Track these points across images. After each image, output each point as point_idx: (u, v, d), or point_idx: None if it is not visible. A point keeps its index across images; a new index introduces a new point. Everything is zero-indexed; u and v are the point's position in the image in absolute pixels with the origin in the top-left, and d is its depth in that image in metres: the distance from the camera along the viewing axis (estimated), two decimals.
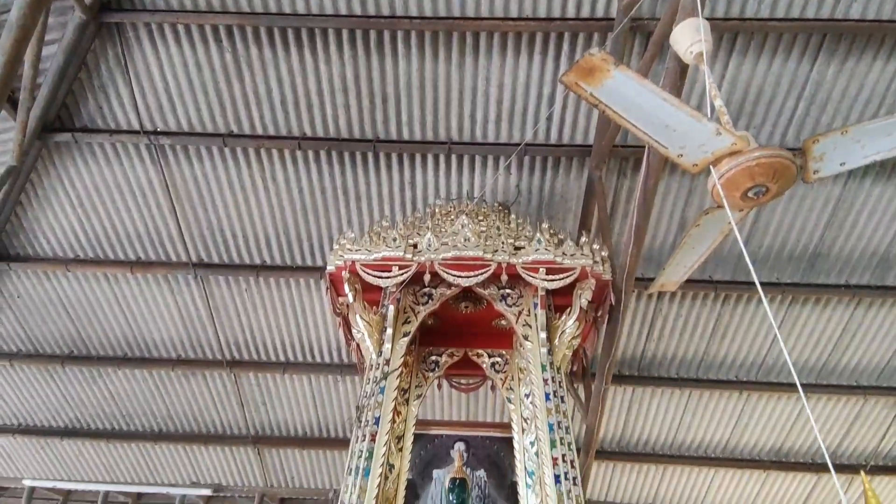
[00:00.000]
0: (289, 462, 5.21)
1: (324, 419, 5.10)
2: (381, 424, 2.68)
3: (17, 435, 4.94)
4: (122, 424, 5.04)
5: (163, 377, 4.78)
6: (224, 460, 5.16)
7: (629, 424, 4.86)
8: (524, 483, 3.07)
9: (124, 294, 4.34)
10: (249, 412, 5.03)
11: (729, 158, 1.41)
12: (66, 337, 4.60)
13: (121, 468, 5.13)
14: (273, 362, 4.75)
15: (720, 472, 4.86)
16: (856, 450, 4.62)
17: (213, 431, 5.12)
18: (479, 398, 4.77)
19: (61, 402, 4.90)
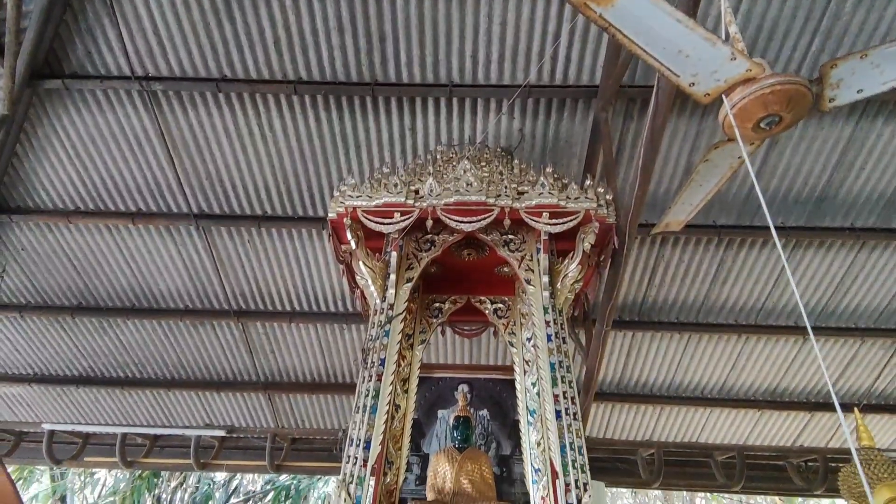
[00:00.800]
0: (298, 406, 5.40)
1: (331, 366, 5.23)
2: (386, 366, 2.74)
3: (33, 384, 5.10)
4: (136, 372, 5.19)
5: (172, 327, 4.88)
6: (236, 405, 5.34)
7: (628, 367, 4.98)
8: (525, 421, 3.18)
9: (128, 246, 4.36)
10: (259, 360, 5.16)
11: (742, 86, 1.35)
12: (73, 289, 4.65)
13: (137, 413, 5.33)
14: (279, 312, 4.83)
15: (716, 412, 5.02)
16: (850, 389, 4.75)
17: (224, 378, 5.27)
18: (482, 343, 4.87)
19: (74, 352, 5.03)
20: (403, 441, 3.20)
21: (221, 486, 7.08)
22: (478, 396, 3.82)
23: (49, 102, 3.64)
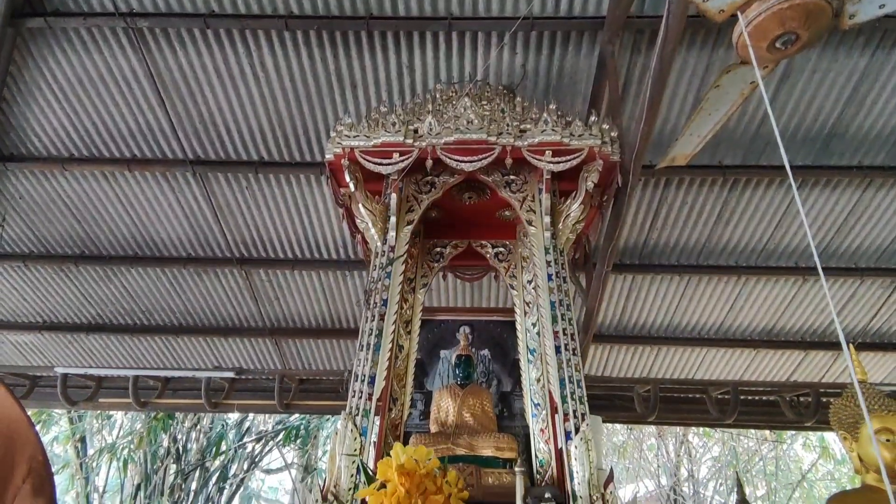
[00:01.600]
0: (304, 350, 5.54)
1: (335, 312, 5.32)
2: (388, 306, 2.77)
3: (43, 331, 5.22)
4: (143, 320, 5.29)
5: (176, 275, 4.92)
6: (244, 350, 5.48)
7: (627, 310, 5.05)
8: (526, 359, 3.26)
9: (125, 193, 4.32)
10: (264, 306, 5.23)
11: (759, 1, 1.27)
12: (75, 238, 4.66)
13: (148, 358, 5.48)
14: (281, 259, 4.85)
15: (712, 351, 5.14)
16: (847, 328, 4.83)
17: (231, 324, 5.37)
18: (483, 287, 4.92)
19: (81, 300, 5.10)
20: (407, 379, 3.30)
21: (234, 426, 7.39)
22: (479, 337, 3.89)
23: (33, 43, 3.50)
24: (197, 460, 6.78)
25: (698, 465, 9.30)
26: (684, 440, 8.83)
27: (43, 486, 1.57)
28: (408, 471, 1.05)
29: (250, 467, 7.20)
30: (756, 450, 8.60)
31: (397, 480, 1.03)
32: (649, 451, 9.34)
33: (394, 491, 1.02)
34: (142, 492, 6.40)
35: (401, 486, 1.02)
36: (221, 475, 6.93)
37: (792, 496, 8.30)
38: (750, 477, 7.94)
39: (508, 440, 2.92)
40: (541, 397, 3.10)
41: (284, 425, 7.33)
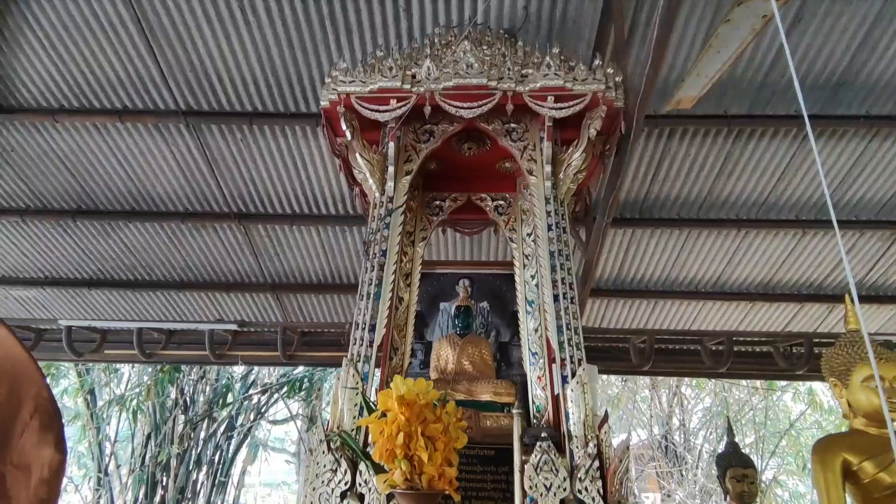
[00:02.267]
0: (305, 305, 5.60)
1: (335, 267, 5.34)
2: (388, 256, 2.78)
3: (45, 287, 5.26)
4: (144, 275, 5.32)
5: (174, 230, 4.90)
6: (246, 304, 5.54)
7: (626, 265, 5.07)
8: (524, 310, 3.30)
9: (119, 146, 4.24)
10: (264, 262, 5.25)
11: None
12: (70, 192, 4.61)
13: (150, 313, 5.55)
14: (280, 215, 4.82)
15: (708, 304, 5.20)
16: (842, 281, 4.87)
17: (232, 280, 5.41)
18: (482, 241, 4.92)
19: (81, 255, 5.11)
20: (407, 329, 3.35)
21: (240, 379, 7.58)
22: (478, 290, 3.92)
23: None
24: (204, 411, 6.99)
25: (689, 416, 9.62)
26: (677, 391, 9.09)
27: (51, 421, 1.62)
28: (408, 401, 1.07)
29: (256, 418, 7.43)
30: (747, 400, 8.87)
31: (397, 409, 1.06)
32: (642, 402, 9.63)
33: (394, 419, 1.05)
34: (152, 440, 6.63)
35: (401, 414, 1.05)
36: (229, 425, 7.16)
37: (779, 444, 8.62)
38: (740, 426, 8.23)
39: (506, 386, 3.00)
40: (538, 346, 3.15)
41: (288, 378, 7.51)
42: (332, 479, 2.24)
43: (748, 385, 9.10)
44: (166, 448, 6.50)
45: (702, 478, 7.98)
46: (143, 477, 6.42)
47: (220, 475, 6.89)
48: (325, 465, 2.27)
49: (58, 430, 1.66)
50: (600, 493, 2.15)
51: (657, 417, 9.52)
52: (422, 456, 1.04)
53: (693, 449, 8.85)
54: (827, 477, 2.91)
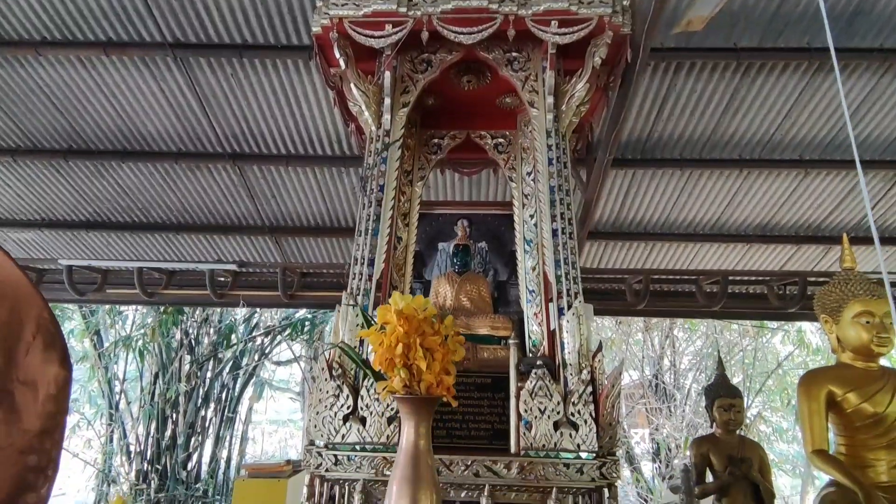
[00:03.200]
0: (304, 248, 5.62)
1: (332, 210, 5.31)
2: (385, 192, 2.75)
3: (43, 229, 5.24)
4: (141, 217, 5.29)
5: (168, 171, 4.83)
6: (244, 247, 5.55)
7: (625, 207, 5.05)
8: (522, 250, 3.30)
9: (105, 82, 4.10)
10: (261, 204, 5.21)
11: None
12: (60, 131, 4.50)
13: (149, 254, 5.57)
14: (275, 155, 4.74)
15: (706, 247, 5.23)
16: (840, 223, 4.87)
17: (229, 223, 5.39)
18: (481, 183, 4.87)
19: (76, 197, 5.06)
20: (406, 269, 3.37)
21: (243, 321, 7.72)
22: (477, 230, 3.92)
23: None
24: (209, 352, 7.17)
25: (680, 357, 9.92)
26: (669, 334, 9.33)
27: (54, 341, 1.66)
28: (406, 315, 1.08)
29: (261, 358, 7.63)
30: (737, 342, 9.13)
31: (396, 322, 1.07)
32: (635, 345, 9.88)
33: (393, 331, 1.07)
34: (160, 379, 6.85)
35: (399, 327, 1.06)
36: (234, 365, 7.37)
37: (765, 383, 8.96)
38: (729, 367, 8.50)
39: (503, 320, 3.05)
40: (536, 284, 3.18)
41: (291, 321, 7.66)
42: (335, 404, 2.33)
43: (739, 328, 9.32)
44: (174, 386, 6.72)
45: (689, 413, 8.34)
46: (153, 412, 6.67)
47: (228, 411, 7.17)
48: (328, 392, 2.35)
49: (61, 347, 1.71)
50: (592, 416, 2.24)
51: (649, 359, 9.81)
52: (420, 365, 1.06)
53: (682, 388, 9.19)
54: (811, 407, 3.03)
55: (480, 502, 2.13)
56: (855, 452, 2.95)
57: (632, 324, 9.39)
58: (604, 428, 2.25)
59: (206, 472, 6.84)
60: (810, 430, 2.99)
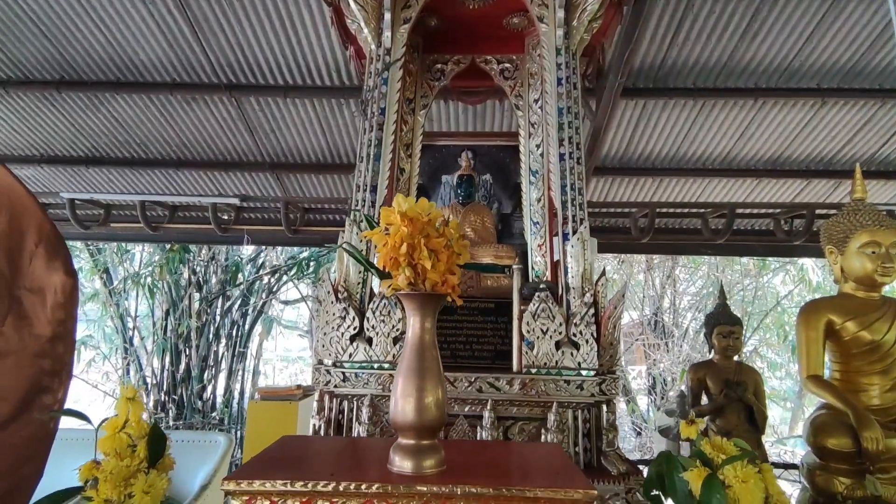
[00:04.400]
0: (306, 184, 5.57)
1: (333, 146, 5.21)
2: (387, 115, 2.67)
3: (42, 165, 5.18)
4: (140, 153, 5.22)
5: (164, 104, 4.70)
6: (246, 184, 5.51)
7: (633, 141, 4.92)
8: (527, 181, 3.25)
9: (94, 6, 3.91)
10: (260, 139, 5.11)
11: None
12: (52, 61, 4.35)
13: (151, 190, 5.54)
14: (272, 86, 4.59)
15: (714, 182, 5.15)
16: (853, 156, 4.76)
17: (230, 158, 5.32)
18: (486, 114, 4.73)
19: (73, 131, 4.97)
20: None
21: (249, 261, 7.81)
22: (481, 162, 3.84)
23: None
24: (218, 290, 7.30)
25: (681, 297, 10.04)
26: (671, 273, 9.41)
27: (57, 248, 1.69)
28: (411, 217, 1.07)
29: (268, 297, 7.78)
30: (738, 282, 9.21)
31: (400, 222, 1.06)
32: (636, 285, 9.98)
33: (397, 231, 1.05)
34: (171, 316, 7.02)
35: (404, 227, 1.05)
36: (242, 303, 7.53)
37: (763, 320, 9.12)
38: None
39: (507, 249, 3.06)
40: (540, 216, 3.16)
41: (296, 261, 7.74)
42: (341, 325, 2.38)
43: (741, 268, 9.37)
44: (185, 322, 6.90)
45: (687, 349, 8.56)
46: (166, 346, 6.89)
47: (239, 346, 7.40)
48: (334, 314, 2.40)
49: (65, 256, 1.75)
50: (594, 336, 2.29)
51: (649, 299, 9.94)
52: (425, 265, 1.06)
53: (681, 326, 9.37)
54: (809, 335, 3.08)
55: (483, 416, 2.22)
56: (849, 378, 3.03)
57: (634, 264, 9.44)
58: (604, 347, 2.30)
59: (221, 403, 7.17)
60: (807, 356, 3.05)
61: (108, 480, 1.01)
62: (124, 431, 1.11)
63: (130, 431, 1.12)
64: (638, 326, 9.56)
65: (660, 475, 1.12)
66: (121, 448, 1.08)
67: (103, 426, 1.12)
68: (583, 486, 0.98)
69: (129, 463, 1.06)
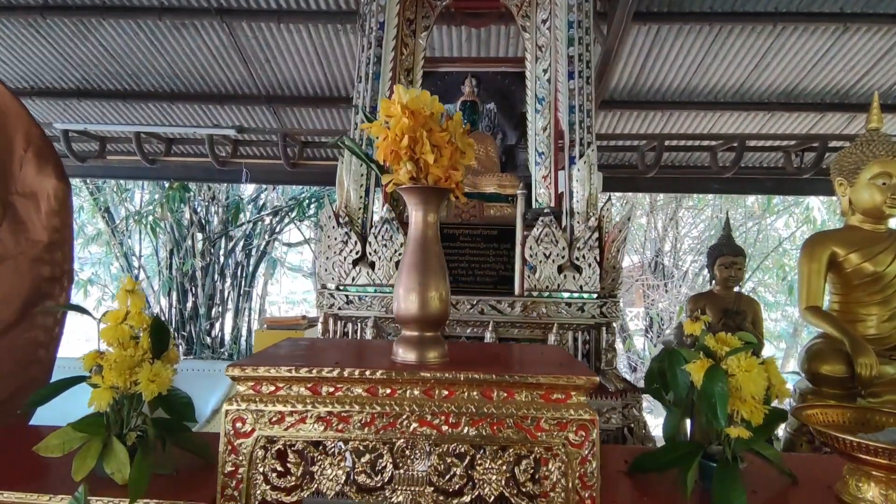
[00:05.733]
0: (304, 118, 5.42)
1: (331, 77, 5.01)
2: (386, 31, 2.54)
3: (33, 97, 5.03)
4: (132, 84, 5.04)
5: (153, 31, 4.48)
6: (242, 117, 5.36)
7: (644, 72, 4.72)
8: (533, 108, 3.14)
9: None
10: (255, 70, 4.91)
11: None
12: None
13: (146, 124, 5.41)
14: (265, 10, 4.35)
15: (725, 115, 4.99)
16: (872, 88, 4.57)
17: (224, 91, 5.14)
18: (490, 39, 4.51)
19: (61, 61, 4.78)
20: None
21: (250, 201, 7.76)
22: (485, 90, 3.71)
23: None
24: (220, 230, 7.30)
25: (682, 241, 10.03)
26: (674, 215, 9.34)
27: (46, 154, 1.67)
28: (412, 110, 1.02)
29: (271, 237, 7.79)
30: (742, 223, 9.16)
31: (401, 113, 1.01)
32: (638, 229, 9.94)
33: (398, 122, 1.01)
34: (175, 256, 7.06)
35: (405, 118, 1.01)
36: (246, 243, 7.55)
37: (763, 262, 9.16)
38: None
39: (511, 178, 3.00)
40: (546, 146, 3.08)
41: (298, 200, 7.68)
42: (344, 250, 2.38)
43: (745, 210, 9.29)
44: (189, 261, 6.95)
45: (686, 290, 8.64)
46: (172, 284, 6.98)
47: (245, 286, 7.49)
48: (336, 238, 2.39)
49: (55, 161, 1.73)
50: (597, 260, 2.29)
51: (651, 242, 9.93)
52: (427, 159, 1.02)
53: (680, 268, 9.42)
54: (811, 267, 3.08)
55: (485, 337, 2.26)
56: (848, 309, 3.05)
57: (637, 207, 9.36)
58: (607, 271, 2.30)
59: (230, 339, 7.35)
60: (807, 287, 3.06)
61: (112, 368, 1.02)
62: (126, 323, 1.12)
63: (132, 323, 1.13)
64: (638, 269, 9.60)
65: (661, 371, 1.13)
66: (123, 338, 1.09)
67: (105, 317, 1.12)
68: (585, 373, 0.99)
69: (132, 353, 1.07)
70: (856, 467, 1.07)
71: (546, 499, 0.95)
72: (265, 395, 1.00)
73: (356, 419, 0.97)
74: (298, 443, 0.98)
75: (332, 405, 0.98)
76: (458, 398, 0.98)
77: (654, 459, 1.12)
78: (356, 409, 0.98)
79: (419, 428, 0.97)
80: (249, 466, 0.97)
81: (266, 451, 0.98)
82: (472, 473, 0.97)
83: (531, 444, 0.95)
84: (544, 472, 0.96)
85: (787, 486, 1.14)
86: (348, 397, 0.99)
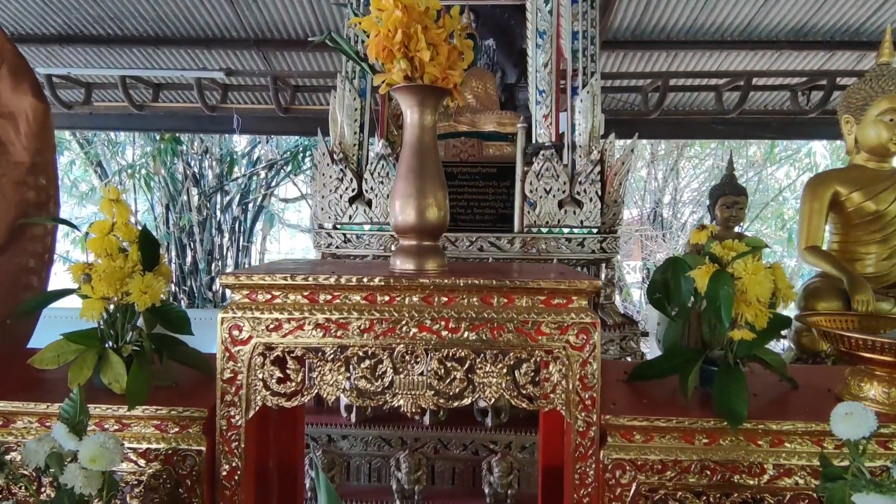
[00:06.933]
0: (294, 63, 5.23)
1: (322, 18, 4.79)
2: None
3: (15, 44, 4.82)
4: (116, 29, 4.83)
5: None
6: (231, 62, 5.16)
7: (648, 9, 4.52)
8: (534, 44, 3.00)
9: None
10: (242, 12, 4.69)
11: None
12: None
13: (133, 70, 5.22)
14: None
15: (731, 55, 4.82)
16: (884, 24, 4.39)
17: (211, 35, 4.93)
18: None
19: (41, 6, 4.54)
20: None
21: (244, 155, 7.61)
22: (483, 25, 3.55)
23: None
24: (216, 184, 7.20)
25: (682, 192, 9.95)
26: (675, 166, 9.22)
27: (21, 70, 1.60)
28: (405, 4, 0.95)
29: (267, 192, 7.69)
30: (742, 173, 9.06)
31: (393, 6, 0.94)
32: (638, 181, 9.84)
33: (390, 16, 0.94)
34: (171, 211, 6.99)
35: (398, 11, 0.94)
36: (241, 199, 7.46)
37: (762, 211, 9.13)
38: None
39: (511, 116, 2.92)
40: (547, 84, 2.97)
41: (293, 153, 7.52)
42: (339, 188, 2.33)
43: (746, 160, 9.16)
44: (186, 216, 6.88)
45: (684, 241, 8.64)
46: (170, 239, 6.95)
47: (243, 241, 7.46)
48: (332, 175, 2.34)
49: (31, 80, 1.66)
50: (598, 195, 2.25)
51: (650, 194, 9.85)
52: (423, 57, 0.96)
53: (679, 220, 9.39)
54: (813, 207, 3.05)
55: None
56: (847, 248, 3.04)
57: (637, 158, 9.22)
58: (608, 206, 2.27)
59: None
60: (808, 227, 3.04)
61: (102, 279, 1.00)
62: (113, 234, 1.09)
63: (119, 234, 1.10)
64: (637, 221, 9.57)
65: (664, 280, 1.12)
66: (111, 249, 1.06)
67: (91, 228, 1.09)
68: (587, 278, 0.97)
69: (122, 264, 1.05)
70: (859, 369, 1.08)
71: (546, 400, 0.95)
72: (261, 304, 0.99)
73: (355, 325, 0.96)
74: (297, 349, 0.98)
75: (330, 312, 0.97)
76: (457, 304, 0.97)
77: (655, 366, 1.13)
78: (354, 315, 0.96)
79: (419, 333, 0.96)
80: (248, 373, 0.97)
81: (264, 358, 0.98)
82: (473, 377, 0.96)
83: (532, 347, 0.95)
84: (545, 374, 0.96)
85: (788, 391, 1.15)
86: (346, 305, 0.98)
